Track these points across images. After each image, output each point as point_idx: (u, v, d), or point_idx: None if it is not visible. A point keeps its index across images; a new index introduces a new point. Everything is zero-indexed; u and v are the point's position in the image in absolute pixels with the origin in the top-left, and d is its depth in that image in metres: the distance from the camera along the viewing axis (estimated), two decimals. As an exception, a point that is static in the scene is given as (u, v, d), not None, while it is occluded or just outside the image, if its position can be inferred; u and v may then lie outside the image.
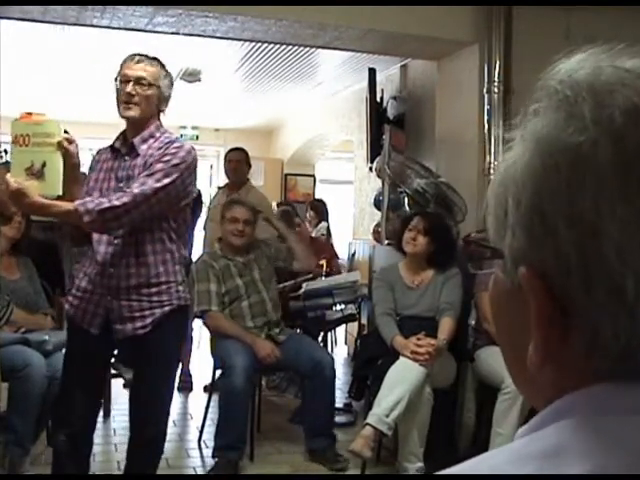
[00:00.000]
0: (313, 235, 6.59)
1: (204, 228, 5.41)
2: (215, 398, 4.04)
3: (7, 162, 6.50)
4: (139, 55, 2.75)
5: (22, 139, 2.47)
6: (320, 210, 6.95)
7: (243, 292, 4.12)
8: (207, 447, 4.10)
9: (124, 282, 2.66)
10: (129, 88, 2.66)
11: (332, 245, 6.65)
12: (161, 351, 2.73)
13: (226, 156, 5.47)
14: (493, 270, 0.55)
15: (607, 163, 0.46)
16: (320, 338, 5.16)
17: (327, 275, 5.65)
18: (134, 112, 2.68)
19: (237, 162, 5.32)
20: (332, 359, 4.10)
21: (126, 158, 2.73)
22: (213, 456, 3.78)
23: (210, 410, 4.26)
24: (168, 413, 2.94)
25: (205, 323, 4.21)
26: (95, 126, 7.52)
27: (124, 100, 2.68)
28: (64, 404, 2.78)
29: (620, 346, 0.47)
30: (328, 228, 6.81)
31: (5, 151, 7.17)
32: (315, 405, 3.91)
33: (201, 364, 5.32)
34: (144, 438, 2.79)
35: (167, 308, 2.70)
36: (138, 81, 2.67)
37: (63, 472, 2.77)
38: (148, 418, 2.79)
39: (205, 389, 5.08)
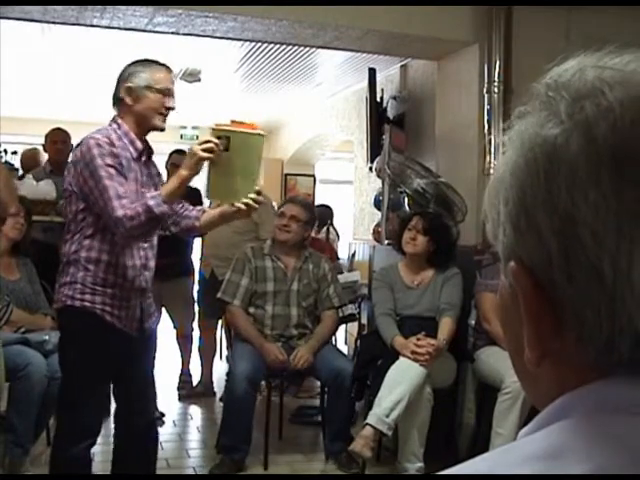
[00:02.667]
0: (312, 235, 6.53)
1: None
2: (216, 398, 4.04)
3: (7, 162, 6.51)
4: (167, 66, 2.72)
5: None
6: (322, 216, 6.83)
7: (270, 299, 4.03)
8: (207, 448, 4.10)
9: (149, 282, 2.80)
10: (173, 103, 2.68)
11: (331, 243, 6.61)
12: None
13: None
14: (499, 281, 0.56)
15: (578, 153, 0.48)
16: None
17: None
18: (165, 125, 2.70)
19: None
20: (352, 368, 3.94)
21: (144, 163, 2.77)
22: (218, 452, 3.80)
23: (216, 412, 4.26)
24: None
25: (223, 313, 4.18)
26: (95, 126, 7.48)
27: (164, 113, 2.67)
28: (92, 411, 2.68)
29: (604, 336, 0.48)
30: (328, 230, 6.76)
31: (5, 151, 7.15)
32: (334, 411, 3.90)
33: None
34: (151, 419, 2.95)
35: None
36: (173, 95, 2.70)
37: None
38: (153, 400, 3.02)
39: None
